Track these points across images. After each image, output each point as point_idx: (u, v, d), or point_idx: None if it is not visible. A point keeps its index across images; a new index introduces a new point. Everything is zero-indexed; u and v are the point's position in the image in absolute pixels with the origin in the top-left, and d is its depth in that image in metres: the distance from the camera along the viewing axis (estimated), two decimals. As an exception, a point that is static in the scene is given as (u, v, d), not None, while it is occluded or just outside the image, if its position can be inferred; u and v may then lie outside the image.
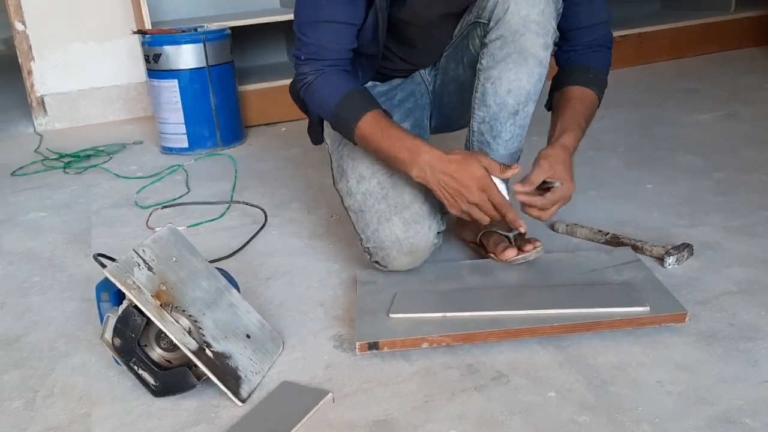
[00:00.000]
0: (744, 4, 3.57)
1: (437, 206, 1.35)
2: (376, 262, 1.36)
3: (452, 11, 1.38)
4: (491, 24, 1.29)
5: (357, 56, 1.35)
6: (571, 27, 1.37)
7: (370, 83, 1.50)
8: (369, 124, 1.25)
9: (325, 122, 1.44)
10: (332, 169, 1.46)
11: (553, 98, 1.41)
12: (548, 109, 1.43)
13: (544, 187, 1.25)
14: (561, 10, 1.31)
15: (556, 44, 1.35)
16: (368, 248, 1.35)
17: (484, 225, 1.44)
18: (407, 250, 1.31)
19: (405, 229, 1.30)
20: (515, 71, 1.29)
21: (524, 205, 1.25)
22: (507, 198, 1.22)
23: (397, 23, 1.35)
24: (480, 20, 1.32)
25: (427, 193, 1.33)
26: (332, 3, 1.26)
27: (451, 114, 1.54)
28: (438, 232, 1.35)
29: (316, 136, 1.48)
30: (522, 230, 1.26)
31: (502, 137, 1.36)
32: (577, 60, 1.40)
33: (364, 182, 1.34)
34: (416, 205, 1.32)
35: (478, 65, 1.34)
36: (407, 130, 1.29)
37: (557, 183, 1.24)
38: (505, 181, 1.25)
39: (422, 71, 1.53)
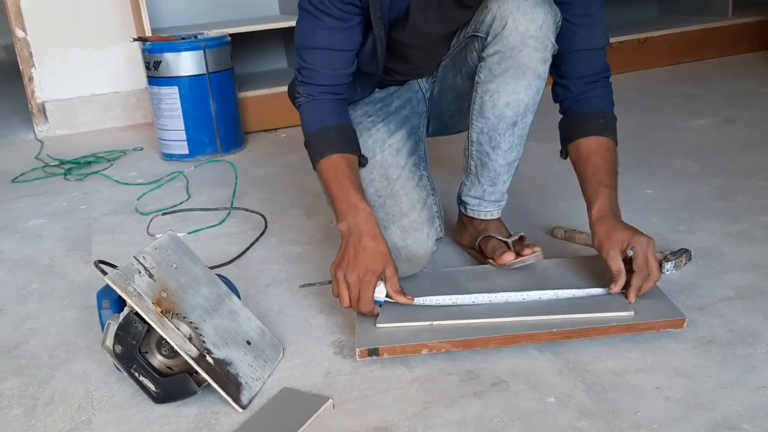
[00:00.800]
0: (741, 10, 3.59)
1: (436, 213, 1.35)
2: None
3: (450, 30, 1.38)
4: (489, 39, 1.29)
5: (358, 74, 1.35)
6: (568, 49, 1.32)
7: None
8: (328, 166, 1.27)
9: None
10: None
11: (569, 151, 1.36)
12: (564, 158, 1.40)
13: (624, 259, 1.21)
14: (560, 23, 1.29)
15: (558, 76, 1.36)
16: None
17: (482, 230, 1.45)
18: (405, 258, 1.31)
19: (403, 237, 1.31)
20: (513, 85, 1.29)
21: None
22: (381, 299, 1.19)
23: (396, 45, 1.36)
24: (478, 34, 1.32)
25: (425, 200, 1.34)
26: (327, 30, 1.26)
27: (449, 121, 1.55)
28: (437, 239, 1.35)
29: None
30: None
31: (501, 147, 1.37)
32: (584, 105, 1.35)
33: None
34: (414, 213, 1.32)
35: (476, 78, 1.34)
36: (361, 187, 1.27)
37: (630, 252, 1.19)
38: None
39: (419, 80, 1.54)
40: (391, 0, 1.26)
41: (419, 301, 1.23)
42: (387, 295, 1.20)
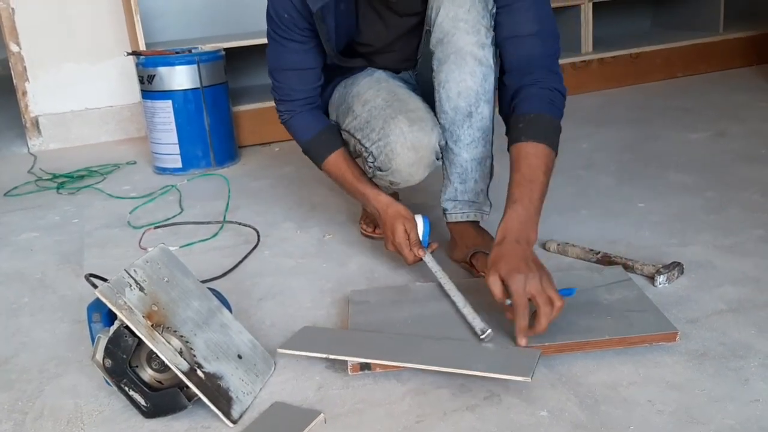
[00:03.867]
0: (733, 24, 3.61)
1: (438, 126, 1.42)
2: (379, 168, 1.42)
3: (400, 34, 1.47)
4: (432, 29, 1.36)
5: (341, 68, 1.52)
6: (496, 40, 1.34)
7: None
8: (332, 164, 1.51)
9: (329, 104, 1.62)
10: (341, 130, 1.54)
11: (510, 153, 1.31)
12: None
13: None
14: (494, 12, 1.33)
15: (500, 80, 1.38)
16: (372, 152, 1.42)
17: (472, 246, 1.46)
18: (411, 145, 1.37)
19: (410, 123, 1.38)
20: (458, 72, 1.35)
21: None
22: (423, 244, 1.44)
23: (362, 52, 1.52)
24: (428, 28, 1.39)
25: (429, 110, 1.43)
26: (291, 52, 1.44)
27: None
28: (441, 146, 1.41)
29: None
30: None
31: (462, 140, 1.41)
32: (523, 106, 1.30)
33: (370, 103, 1.46)
34: (420, 111, 1.41)
35: (432, 72, 1.40)
36: (361, 172, 1.50)
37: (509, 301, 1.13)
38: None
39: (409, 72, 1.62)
40: (338, 22, 1.39)
41: (428, 258, 1.39)
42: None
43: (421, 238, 1.44)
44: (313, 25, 1.38)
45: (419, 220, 1.46)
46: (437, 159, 1.43)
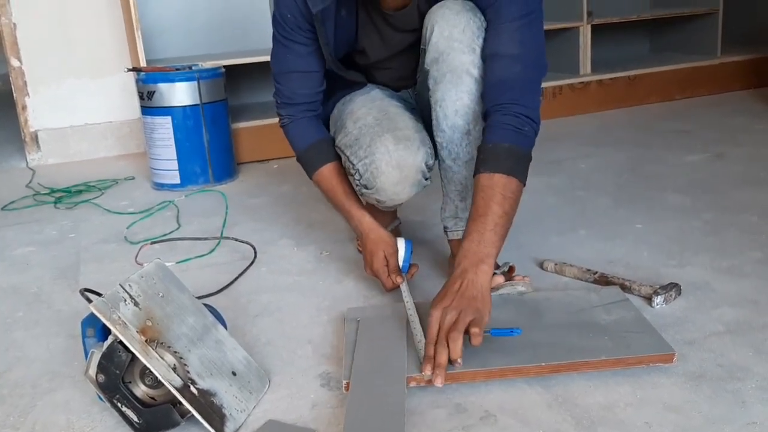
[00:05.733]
0: (730, 48, 3.64)
1: (428, 143, 1.43)
2: (365, 186, 1.43)
3: (398, 50, 1.49)
4: (427, 48, 1.37)
5: (345, 81, 1.54)
6: (481, 57, 1.32)
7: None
8: (323, 177, 1.51)
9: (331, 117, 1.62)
10: (336, 145, 1.54)
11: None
12: None
13: None
14: (484, 27, 1.32)
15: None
16: (358, 169, 1.43)
17: None
18: (396, 164, 1.39)
19: (395, 142, 1.39)
20: (455, 91, 1.35)
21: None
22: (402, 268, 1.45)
23: (361, 63, 1.53)
24: (423, 47, 1.40)
25: (419, 129, 1.45)
26: (294, 55, 1.44)
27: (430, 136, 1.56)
28: (427, 163, 1.41)
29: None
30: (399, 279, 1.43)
31: (461, 158, 1.41)
32: (491, 136, 1.28)
33: (361, 120, 1.47)
34: (408, 130, 1.42)
35: (429, 91, 1.40)
36: (351, 189, 1.50)
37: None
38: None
39: (408, 90, 1.63)
40: (338, 29, 1.41)
41: (404, 287, 1.39)
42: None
43: (401, 263, 1.46)
44: (315, 27, 1.39)
45: (401, 244, 1.47)
46: (425, 179, 1.43)
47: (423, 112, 1.57)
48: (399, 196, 1.44)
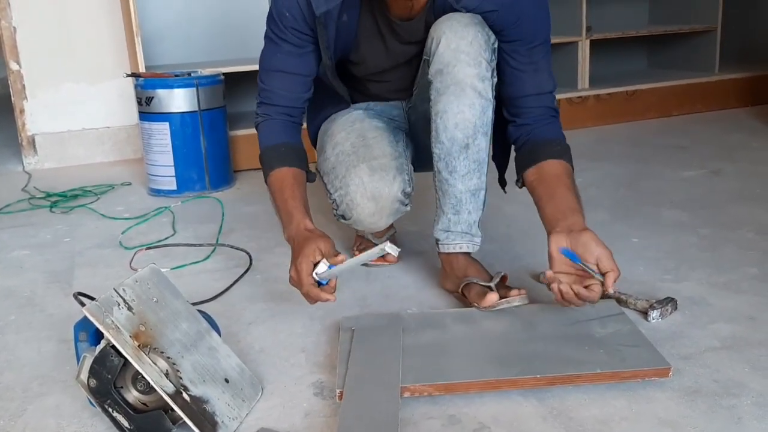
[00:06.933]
0: (728, 66, 3.66)
1: (406, 170, 1.44)
2: (342, 216, 1.44)
3: (399, 62, 1.48)
4: (430, 59, 1.37)
5: (334, 92, 1.52)
6: (517, 94, 1.40)
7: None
8: (276, 178, 1.41)
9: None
10: (318, 172, 1.54)
11: (527, 175, 1.40)
12: (519, 187, 1.45)
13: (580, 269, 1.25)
14: (495, 45, 1.36)
15: (510, 116, 1.42)
16: (335, 199, 1.44)
17: (462, 276, 1.44)
18: (371, 195, 1.39)
19: (370, 173, 1.40)
20: (456, 104, 1.35)
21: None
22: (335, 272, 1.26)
23: (357, 76, 1.52)
24: (426, 58, 1.40)
25: (397, 157, 1.45)
26: (285, 55, 1.41)
27: (423, 153, 1.55)
28: (404, 191, 1.41)
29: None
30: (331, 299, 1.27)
31: (458, 172, 1.40)
32: (541, 133, 1.41)
33: (338, 147, 1.48)
34: (385, 159, 1.43)
35: (430, 102, 1.40)
36: (302, 196, 1.38)
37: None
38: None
39: (402, 102, 1.61)
40: (337, 34, 1.39)
41: (348, 263, 1.25)
42: (330, 268, 1.25)
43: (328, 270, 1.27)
44: (313, 30, 1.38)
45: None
46: (404, 205, 1.45)
47: (416, 125, 1.57)
48: (377, 225, 1.45)
